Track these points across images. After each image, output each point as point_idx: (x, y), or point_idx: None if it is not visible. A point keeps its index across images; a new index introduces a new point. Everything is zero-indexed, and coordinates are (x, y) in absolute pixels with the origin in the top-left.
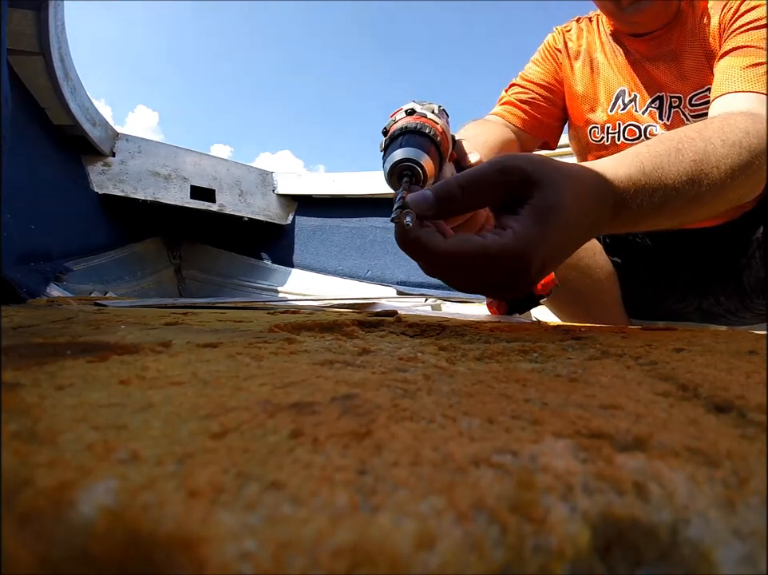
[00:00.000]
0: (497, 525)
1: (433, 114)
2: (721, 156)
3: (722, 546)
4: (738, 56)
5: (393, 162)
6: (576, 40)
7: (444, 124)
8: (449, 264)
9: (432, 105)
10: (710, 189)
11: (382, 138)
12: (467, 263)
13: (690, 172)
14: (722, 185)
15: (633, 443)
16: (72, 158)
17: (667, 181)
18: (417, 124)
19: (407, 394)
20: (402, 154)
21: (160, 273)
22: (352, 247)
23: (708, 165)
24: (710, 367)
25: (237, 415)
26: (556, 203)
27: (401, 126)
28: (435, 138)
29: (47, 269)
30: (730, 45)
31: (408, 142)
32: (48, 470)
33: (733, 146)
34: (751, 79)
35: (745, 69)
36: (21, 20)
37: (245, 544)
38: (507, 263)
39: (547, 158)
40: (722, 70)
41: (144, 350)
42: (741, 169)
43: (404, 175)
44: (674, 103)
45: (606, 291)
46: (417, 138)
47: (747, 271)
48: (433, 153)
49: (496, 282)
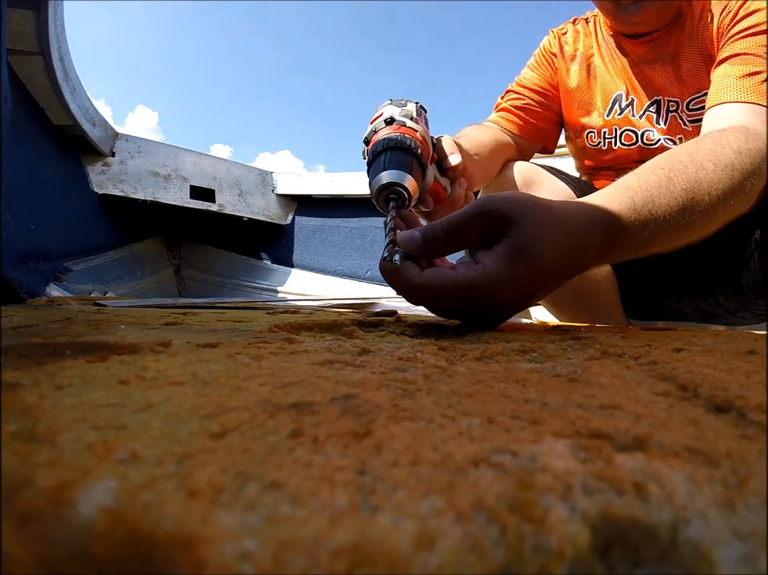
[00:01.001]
0: (497, 525)
1: (411, 121)
2: (713, 181)
3: (722, 546)
4: (735, 64)
5: (379, 186)
6: (572, 43)
7: (423, 129)
8: (424, 295)
9: (409, 108)
10: (701, 216)
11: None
12: (441, 294)
13: (682, 202)
14: (713, 211)
15: (633, 443)
16: (71, 158)
17: (657, 215)
18: (398, 138)
19: (407, 394)
20: (387, 177)
21: (159, 273)
22: (352, 247)
23: (700, 193)
24: (709, 367)
25: (237, 415)
26: (528, 241)
27: (382, 140)
28: (416, 151)
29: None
30: (727, 52)
31: (391, 163)
32: (48, 470)
33: (725, 169)
34: (747, 89)
35: (741, 78)
36: (21, 20)
37: (245, 544)
38: (476, 296)
39: (532, 198)
40: (719, 79)
41: (143, 350)
42: (733, 193)
43: (390, 198)
44: (672, 107)
45: (605, 291)
46: (399, 156)
47: (746, 271)
48: (415, 169)
49: (470, 312)
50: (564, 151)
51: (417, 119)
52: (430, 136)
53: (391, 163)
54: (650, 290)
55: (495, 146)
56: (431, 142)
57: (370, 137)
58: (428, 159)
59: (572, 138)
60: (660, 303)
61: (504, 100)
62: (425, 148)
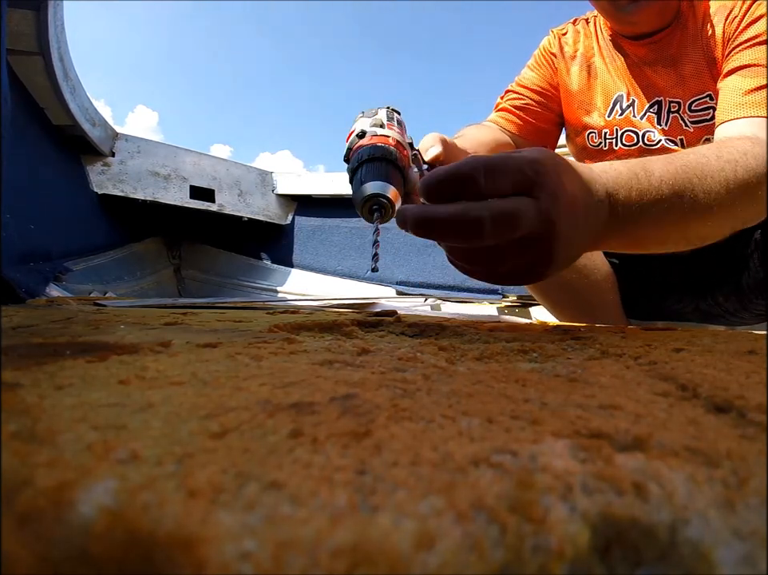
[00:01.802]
0: (497, 524)
1: (382, 129)
2: (715, 169)
3: (722, 546)
4: (745, 76)
5: (360, 200)
6: (572, 44)
7: (395, 133)
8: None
9: (379, 116)
10: (706, 198)
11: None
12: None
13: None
14: (718, 197)
15: (632, 443)
16: (71, 158)
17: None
18: (371, 150)
19: (406, 394)
20: (368, 190)
21: (159, 273)
22: (351, 247)
23: (701, 174)
24: (709, 367)
25: (237, 415)
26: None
27: (356, 155)
28: (391, 157)
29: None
30: (737, 63)
31: (368, 175)
32: (47, 470)
33: (728, 162)
34: (755, 104)
35: (748, 93)
36: (21, 20)
37: (245, 544)
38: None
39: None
40: (728, 92)
41: (143, 350)
42: (738, 185)
43: (374, 209)
44: (674, 108)
45: (604, 291)
46: (375, 167)
47: (746, 272)
48: (393, 174)
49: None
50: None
51: (389, 124)
52: (406, 137)
53: (368, 175)
54: (650, 290)
55: (494, 146)
56: (407, 143)
57: (348, 155)
58: (406, 160)
59: (572, 138)
60: (660, 303)
61: (503, 100)
62: (401, 150)
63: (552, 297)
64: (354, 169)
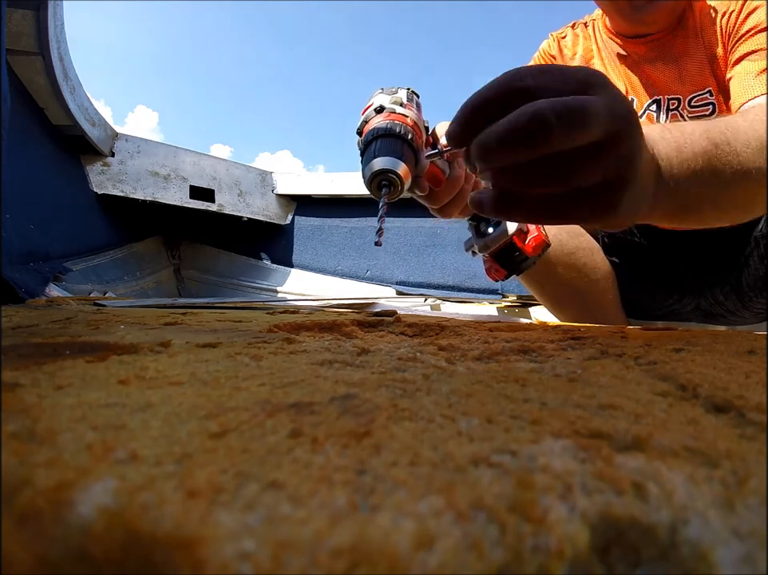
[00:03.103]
0: (496, 524)
1: (401, 107)
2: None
3: (721, 546)
4: (754, 60)
5: (371, 174)
6: (571, 46)
7: (414, 114)
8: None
9: (399, 95)
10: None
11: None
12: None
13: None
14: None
15: (632, 443)
16: (71, 158)
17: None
18: (388, 126)
19: (406, 394)
20: (379, 165)
21: (159, 273)
22: (351, 247)
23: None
24: (709, 367)
25: (236, 415)
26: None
27: (372, 129)
28: (407, 137)
29: (46, 269)
30: (743, 50)
31: (381, 150)
32: (47, 470)
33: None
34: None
35: (759, 75)
36: (21, 20)
37: (244, 544)
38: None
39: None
40: (740, 77)
41: (143, 350)
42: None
43: (382, 185)
44: (673, 105)
45: (604, 290)
46: (390, 143)
47: (745, 270)
48: (407, 154)
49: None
50: None
51: (408, 104)
52: (423, 121)
53: (382, 150)
54: (650, 289)
55: None
56: (424, 126)
57: (362, 128)
58: (421, 143)
59: None
60: (660, 303)
61: None
62: (417, 132)
63: (552, 296)
64: (369, 142)
